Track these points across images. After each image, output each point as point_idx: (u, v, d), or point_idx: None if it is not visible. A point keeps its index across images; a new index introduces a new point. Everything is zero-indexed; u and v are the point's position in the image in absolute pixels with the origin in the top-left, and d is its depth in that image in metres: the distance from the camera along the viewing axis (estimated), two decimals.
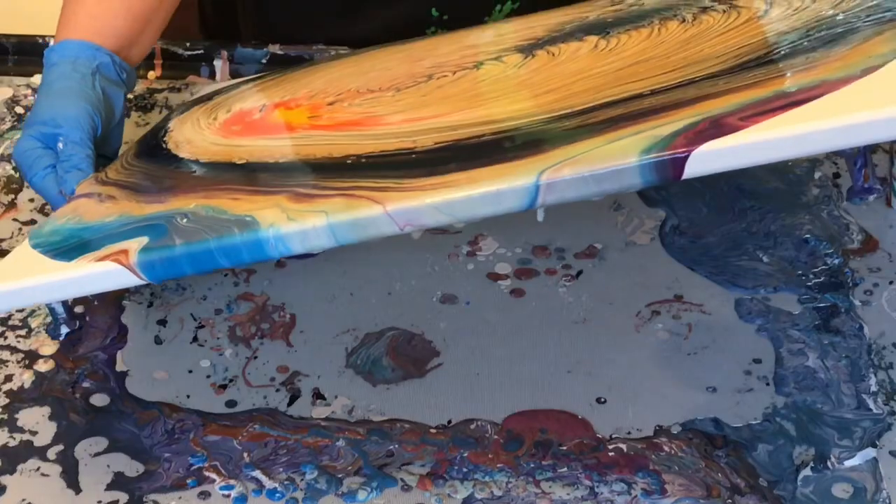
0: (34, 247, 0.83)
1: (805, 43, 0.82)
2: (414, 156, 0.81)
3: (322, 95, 0.95)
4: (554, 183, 0.73)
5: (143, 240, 0.79)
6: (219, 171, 0.87)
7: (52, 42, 0.98)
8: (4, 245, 0.98)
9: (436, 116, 0.86)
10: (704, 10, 0.93)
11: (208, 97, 1.02)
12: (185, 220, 0.80)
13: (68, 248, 0.82)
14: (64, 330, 0.92)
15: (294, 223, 0.76)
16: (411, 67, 0.96)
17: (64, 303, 0.92)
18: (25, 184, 1.00)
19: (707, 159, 0.72)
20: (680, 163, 0.72)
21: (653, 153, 0.72)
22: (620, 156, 0.73)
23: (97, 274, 0.79)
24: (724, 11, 0.91)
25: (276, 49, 1.14)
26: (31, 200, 1.01)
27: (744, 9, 0.91)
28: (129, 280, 0.78)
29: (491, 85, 0.90)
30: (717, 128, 0.73)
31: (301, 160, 0.84)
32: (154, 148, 0.94)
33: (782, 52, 0.81)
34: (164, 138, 0.96)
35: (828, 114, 0.71)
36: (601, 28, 0.94)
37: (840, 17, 0.84)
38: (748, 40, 0.85)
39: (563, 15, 0.96)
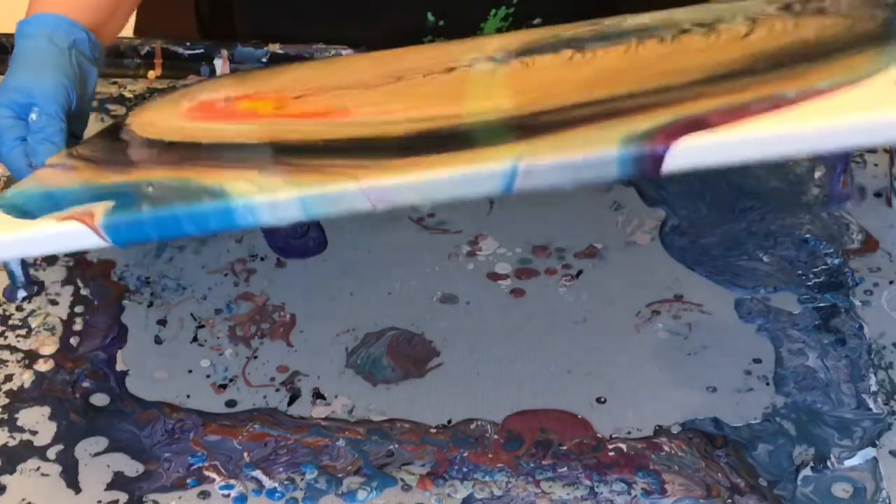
0: None
1: (788, 59, 0.80)
2: (387, 142, 0.79)
3: (289, 91, 0.95)
4: (532, 168, 0.72)
5: (109, 204, 0.77)
6: (185, 149, 0.86)
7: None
8: None
9: (408, 110, 0.85)
10: (684, 31, 0.93)
11: (171, 89, 1.01)
12: (150, 189, 0.78)
13: (31, 209, 0.80)
14: (21, 294, 0.90)
15: (265, 194, 0.75)
16: (381, 69, 0.96)
17: (23, 267, 0.91)
18: None
19: (687, 154, 0.70)
20: (659, 156, 0.71)
21: (633, 145, 0.71)
22: (600, 145, 0.72)
23: (60, 233, 0.77)
24: (705, 34, 0.91)
25: (276, 48, 1.14)
26: None
27: (725, 32, 0.91)
28: (93, 241, 0.76)
29: (464, 85, 0.89)
30: (698, 124, 0.71)
31: (271, 143, 0.84)
32: (118, 129, 0.94)
33: (764, 66, 0.79)
34: (127, 122, 0.95)
35: (811, 116, 0.71)
36: (577, 42, 0.94)
37: (822, 40, 0.83)
38: (730, 55, 0.83)
39: (536, 33, 0.95)
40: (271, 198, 0.74)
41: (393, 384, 0.90)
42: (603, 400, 0.88)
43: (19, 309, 0.94)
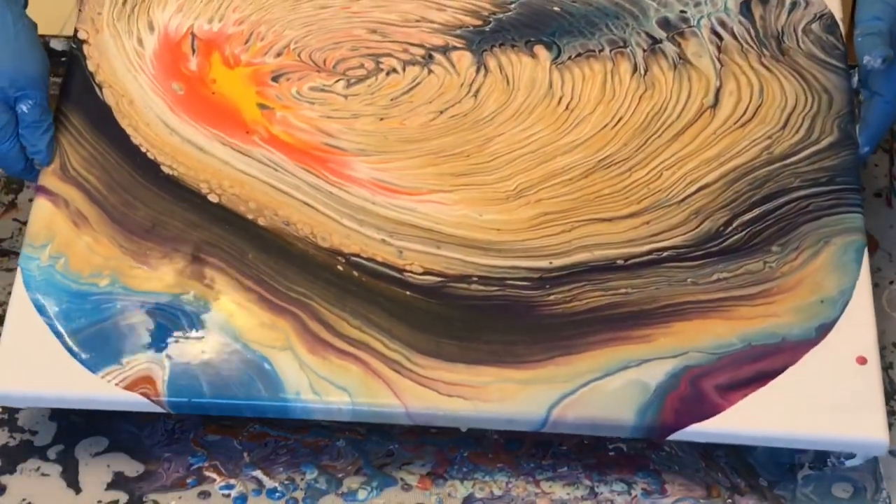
0: (34, 302, 0.86)
1: (759, 223, 0.88)
2: (408, 293, 0.85)
3: (258, 41, 0.95)
4: (559, 421, 0.82)
5: (165, 364, 0.83)
6: (195, 215, 0.88)
7: (52, 42, 0.97)
8: (4, 245, 0.98)
9: (408, 194, 0.89)
10: (654, 47, 0.94)
11: None
12: (194, 332, 0.84)
13: (77, 331, 0.85)
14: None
15: (319, 398, 0.82)
16: (349, 18, 0.97)
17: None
18: (26, 183, 1.00)
19: (688, 435, 0.82)
20: (665, 433, 0.82)
21: (647, 417, 0.81)
22: (619, 410, 0.81)
23: (126, 402, 0.83)
24: (674, 69, 0.93)
25: None
26: (31, 201, 1.00)
27: (693, 71, 0.94)
28: (154, 409, 0.83)
29: (454, 137, 0.92)
30: (697, 396, 0.81)
31: (283, 234, 0.87)
32: (99, 110, 0.93)
33: (742, 236, 0.87)
34: (97, 81, 0.94)
35: (797, 422, 0.81)
36: (549, 32, 0.95)
37: (781, 176, 0.90)
38: (703, 174, 0.90)
39: None
40: (325, 404, 0.82)
41: None
42: None
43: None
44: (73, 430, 0.87)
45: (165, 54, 0.95)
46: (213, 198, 0.89)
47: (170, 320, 0.84)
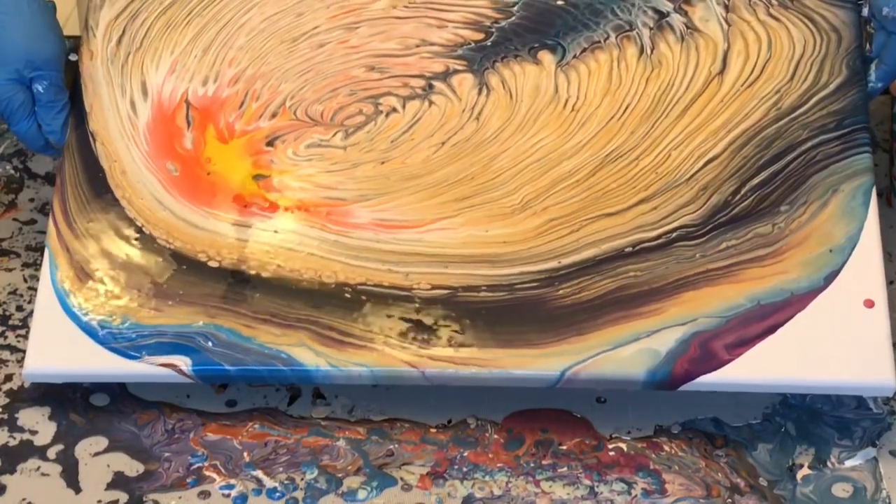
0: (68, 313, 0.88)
1: (768, 185, 0.88)
2: (417, 305, 0.86)
3: (252, 103, 0.94)
4: (573, 379, 0.83)
5: (187, 360, 0.85)
6: (196, 276, 0.88)
7: None
8: (4, 245, 0.98)
9: (413, 227, 0.89)
10: (661, 23, 0.93)
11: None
12: (210, 344, 0.85)
13: (91, 332, 0.87)
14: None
15: (339, 371, 0.84)
16: (346, 56, 0.95)
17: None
18: (26, 184, 1.00)
19: (697, 385, 0.83)
20: (676, 385, 0.83)
21: (658, 376, 0.83)
22: (631, 368, 0.83)
23: (155, 374, 0.86)
24: (682, 41, 0.92)
25: None
26: (31, 200, 1.01)
27: (700, 38, 0.93)
28: (183, 380, 0.85)
29: (457, 165, 0.91)
30: (707, 356, 0.83)
31: (288, 279, 0.88)
32: (95, 164, 0.92)
33: (750, 202, 0.88)
34: (91, 128, 0.93)
35: (805, 367, 0.83)
36: (554, 33, 0.94)
37: (789, 131, 0.90)
38: (711, 146, 0.90)
39: None
40: (346, 374, 0.84)
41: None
42: (603, 399, 0.88)
43: (19, 309, 0.94)
44: (73, 430, 0.87)
45: (160, 128, 0.93)
46: (213, 264, 0.89)
47: (184, 339, 0.86)
